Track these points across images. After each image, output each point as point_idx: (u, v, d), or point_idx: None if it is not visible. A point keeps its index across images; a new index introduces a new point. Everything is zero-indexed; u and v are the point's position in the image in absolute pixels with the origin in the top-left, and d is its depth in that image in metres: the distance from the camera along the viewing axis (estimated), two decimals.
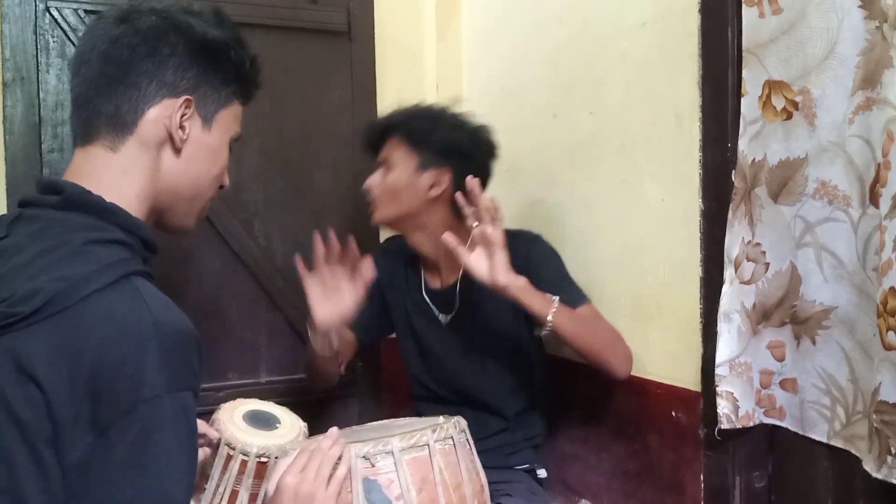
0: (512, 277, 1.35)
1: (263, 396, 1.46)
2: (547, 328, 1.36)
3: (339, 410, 1.99)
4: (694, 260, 1.32)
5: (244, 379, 1.87)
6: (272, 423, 1.36)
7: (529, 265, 1.45)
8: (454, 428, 1.14)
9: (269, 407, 1.41)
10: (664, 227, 1.40)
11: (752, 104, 1.19)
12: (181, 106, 0.90)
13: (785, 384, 1.21)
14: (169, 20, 0.90)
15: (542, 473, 1.60)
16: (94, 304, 0.76)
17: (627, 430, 1.48)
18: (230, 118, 0.96)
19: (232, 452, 1.27)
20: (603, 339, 1.43)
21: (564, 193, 1.67)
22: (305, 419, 1.40)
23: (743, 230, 1.22)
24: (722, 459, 1.29)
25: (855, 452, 1.09)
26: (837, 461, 1.15)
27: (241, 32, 0.97)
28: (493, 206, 1.36)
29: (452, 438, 1.12)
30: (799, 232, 1.15)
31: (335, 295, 1.43)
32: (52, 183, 0.87)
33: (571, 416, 1.58)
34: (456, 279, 1.57)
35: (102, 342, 0.74)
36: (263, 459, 1.27)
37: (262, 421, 1.35)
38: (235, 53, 0.94)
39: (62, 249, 0.80)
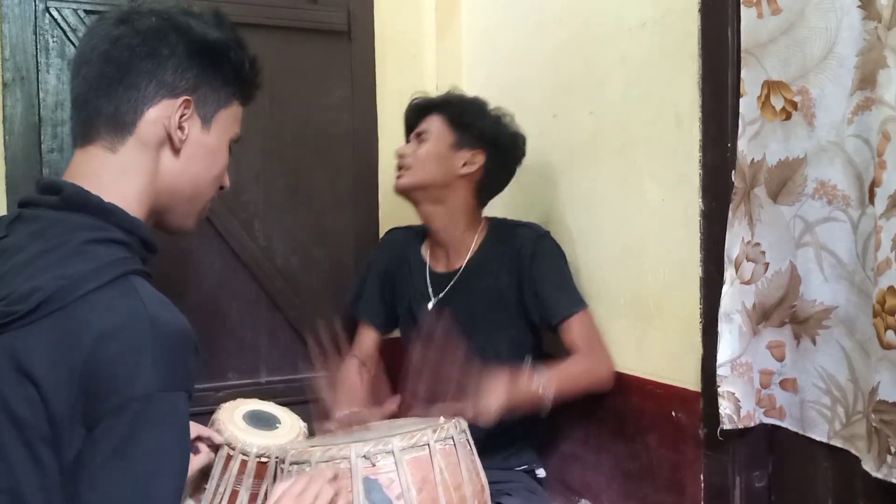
0: (493, 403, 1.30)
1: (263, 396, 1.47)
2: (548, 403, 1.38)
3: None
4: (694, 260, 1.32)
5: (244, 379, 1.87)
6: (272, 423, 1.37)
7: (532, 261, 1.45)
8: (455, 428, 1.14)
9: (269, 407, 1.42)
10: (664, 227, 1.39)
11: (750, 104, 1.19)
12: (180, 106, 0.90)
13: (785, 384, 1.21)
14: (169, 21, 0.91)
15: (541, 473, 1.61)
16: (91, 302, 0.76)
17: (627, 430, 1.48)
18: (230, 119, 0.97)
19: (232, 452, 1.27)
20: (585, 378, 1.46)
21: (564, 193, 1.67)
22: (305, 419, 1.40)
23: (743, 230, 1.22)
24: (722, 459, 1.28)
25: (855, 452, 1.09)
26: (837, 461, 1.15)
27: (240, 33, 0.97)
28: None
29: (453, 438, 1.13)
30: (798, 232, 1.15)
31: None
32: (51, 183, 0.87)
33: (571, 416, 1.58)
34: (461, 266, 1.57)
35: (98, 339, 0.74)
36: (263, 459, 1.27)
37: (262, 421, 1.35)
38: (235, 54, 0.95)
39: (62, 249, 0.80)
